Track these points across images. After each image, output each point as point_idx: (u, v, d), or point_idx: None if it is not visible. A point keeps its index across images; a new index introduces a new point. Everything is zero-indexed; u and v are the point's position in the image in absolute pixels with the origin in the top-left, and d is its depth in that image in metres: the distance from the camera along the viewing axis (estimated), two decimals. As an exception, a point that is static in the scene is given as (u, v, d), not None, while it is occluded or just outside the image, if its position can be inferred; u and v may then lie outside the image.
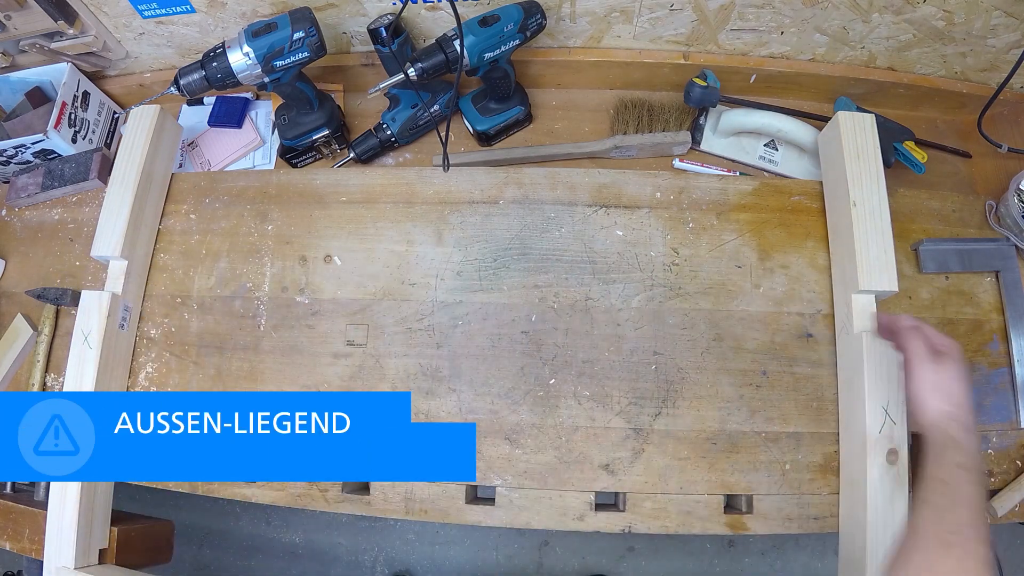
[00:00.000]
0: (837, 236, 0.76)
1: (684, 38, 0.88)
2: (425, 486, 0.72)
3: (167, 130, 0.86)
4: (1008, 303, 0.77)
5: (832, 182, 0.78)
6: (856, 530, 0.64)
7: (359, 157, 0.92)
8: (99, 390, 0.72)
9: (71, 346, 0.73)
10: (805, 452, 0.72)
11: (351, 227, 0.82)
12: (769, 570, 1.43)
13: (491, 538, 1.46)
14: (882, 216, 0.72)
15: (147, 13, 0.86)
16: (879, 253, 0.71)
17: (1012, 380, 0.75)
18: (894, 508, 0.63)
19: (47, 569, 0.68)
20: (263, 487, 0.74)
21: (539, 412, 0.74)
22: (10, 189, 0.92)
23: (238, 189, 0.86)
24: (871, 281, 0.70)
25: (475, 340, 0.77)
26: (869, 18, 0.81)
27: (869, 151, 0.75)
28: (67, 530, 0.68)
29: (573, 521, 0.71)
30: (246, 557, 1.49)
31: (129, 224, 0.78)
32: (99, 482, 0.71)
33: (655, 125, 0.91)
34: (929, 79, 0.91)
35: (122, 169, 0.81)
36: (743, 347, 0.75)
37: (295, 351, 0.78)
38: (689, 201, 0.81)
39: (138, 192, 0.80)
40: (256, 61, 0.77)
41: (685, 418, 0.73)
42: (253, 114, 1.00)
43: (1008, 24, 0.80)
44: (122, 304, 0.77)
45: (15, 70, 0.93)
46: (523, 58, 0.91)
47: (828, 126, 0.79)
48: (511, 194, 0.82)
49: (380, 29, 0.81)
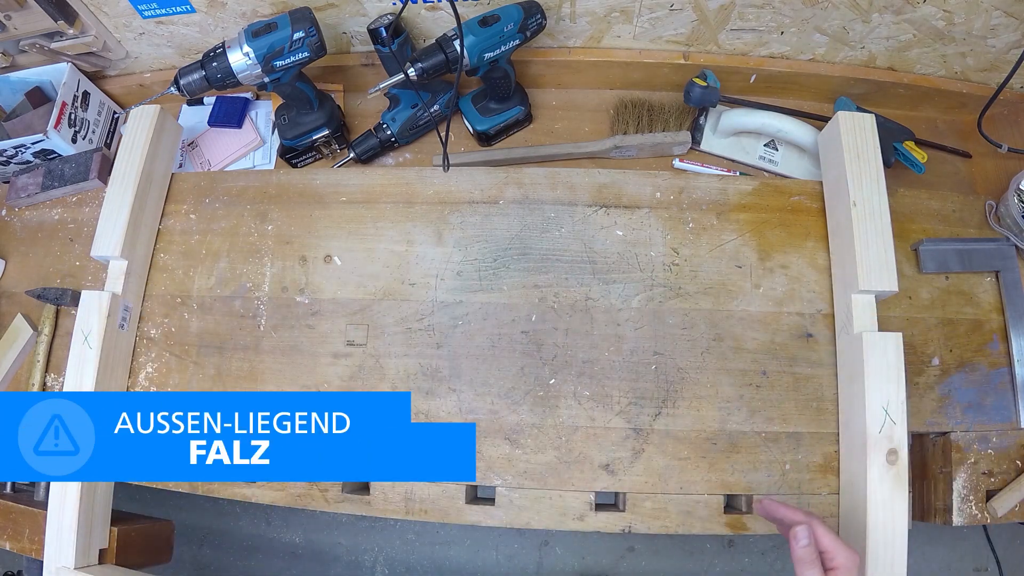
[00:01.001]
0: (837, 236, 0.76)
1: (684, 38, 0.88)
2: (425, 486, 0.72)
3: (167, 130, 0.86)
4: (1008, 303, 0.77)
5: (832, 182, 0.78)
6: (856, 530, 0.65)
7: (359, 157, 0.92)
8: (99, 390, 0.72)
9: (71, 346, 0.73)
10: (805, 452, 0.72)
11: (351, 227, 0.82)
12: (769, 570, 1.42)
13: (491, 538, 1.46)
14: (882, 216, 0.72)
15: (147, 13, 0.86)
16: (879, 253, 0.71)
17: (1012, 380, 0.75)
18: (894, 508, 0.63)
19: (47, 569, 0.68)
20: (263, 487, 0.74)
21: (539, 412, 0.74)
22: (10, 189, 0.92)
23: (238, 189, 0.86)
24: (871, 281, 0.70)
25: (475, 340, 0.77)
26: (869, 18, 0.81)
27: (869, 151, 0.75)
28: (67, 530, 0.68)
29: (573, 521, 0.71)
30: (246, 557, 1.49)
31: (129, 224, 0.78)
32: (99, 482, 0.71)
33: (655, 125, 0.91)
34: (929, 79, 0.91)
35: (122, 169, 0.81)
36: (743, 347, 0.75)
37: (295, 351, 0.78)
38: (689, 201, 0.81)
39: (138, 192, 0.79)
40: (256, 61, 0.77)
41: (685, 418, 0.73)
42: (253, 114, 1.00)
43: (1008, 24, 0.80)
44: (122, 304, 0.77)
45: (15, 70, 0.93)
46: (523, 58, 0.91)
47: (828, 126, 0.79)
48: (511, 194, 0.82)
49: (380, 29, 0.81)
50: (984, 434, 0.72)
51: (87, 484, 0.69)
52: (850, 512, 0.67)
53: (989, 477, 0.72)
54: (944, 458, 0.72)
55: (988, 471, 0.72)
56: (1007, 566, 1.00)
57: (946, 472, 0.71)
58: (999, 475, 0.72)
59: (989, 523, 0.71)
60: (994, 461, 0.72)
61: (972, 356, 0.76)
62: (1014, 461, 0.73)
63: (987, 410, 0.74)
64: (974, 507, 0.70)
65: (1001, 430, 0.73)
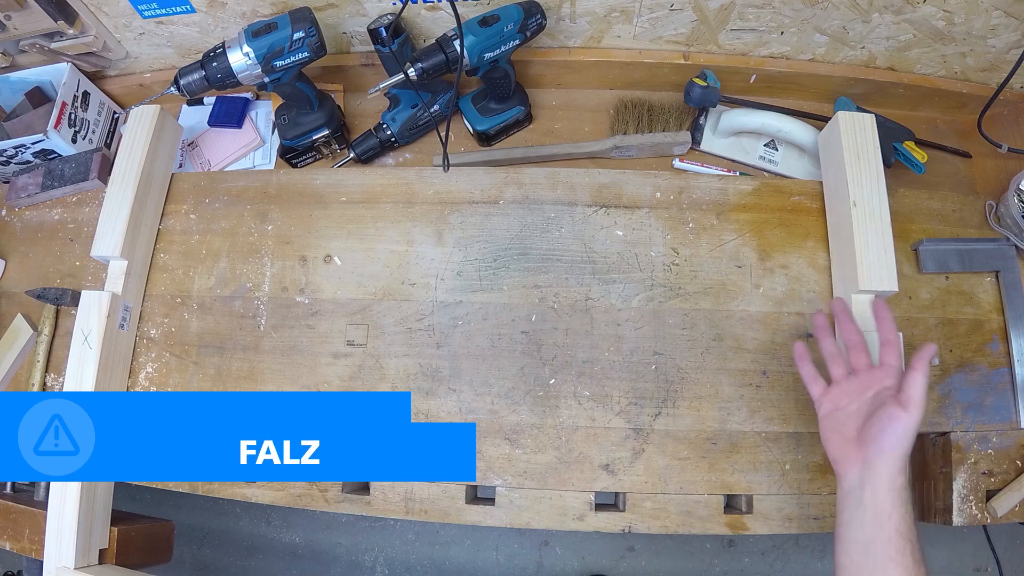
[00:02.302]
0: (837, 236, 0.76)
1: (684, 38, 0.88)
2: (425, 486, 0.72)
3: (167, 130, 0.86)
4: (1008, 303, 0.77)
5: (832, 182, 0.78)
6: None
7: (359, 157, 0.92)
8: (99, 390, 0.73)
9: (71, 346, 0.73)
10: (805, 452, 0.72)
11: (351, 227, 0.82)
12: (769, 570, 1.43)
13: (491, 538, 1.46)
14: (882, 216, 0.72)
15: (147, 13, 0.86)
16: (879, 253, 0.71)
17: (1012, 380, 0.75)
18: None
19: (47, 569, 0.68)
20: (263, 487, 0.74)
21: (539, 412, 0.74)
22: (10, 189, 0.92)
23: (238, 189, 0.86)
24: (871, 281, 0.70)
25: (475, 340, 0.77)
26: (869, 18, 0.81)
27: (869, 151, 0.75)
28: (67, 530, 0.68)
29: (573, 521, 0.71)
30: (246, 557, 1.49)
31: (129, 224, 0.78)
32: (99, 482, 0.71)
33: (655, 125, 0.91)
34: (929, 79, 0.91)
35: (122, 169, 0.81)
36: (743, 347, 0.75)
37: (295, 351, 0.78)
38: (689, 201, 0.81)
39: (138, 192, 0.79)
40: (256, 61, 0.77)
41: (685, 418, 0.73)
42: (253, 114, 1.00)
43: (1008, 24, 0.80)
44: (122, 304, 0.77)
45: (15, 70, 0.93)
46: (523, 58, 0.91)
47: (828, 126, 0.79)
48: (511, 194, 0.82)
49: (380, 29, 0.81)
50: (984, 434, 0.72)
51: (87, 484, 0.69)
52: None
53: (989, 477, 0.71)
54: (944, 458, 0.71)
55: (988, 471, 0.71)
56: (1007, 566, 1.00)
57: (946, 472, 0.71)
58: (999, 475, 0.72)
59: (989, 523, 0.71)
60: (994, 461, 0.72)
61: (972, 356, 0.76)
62: (1014, 461, 0.72)
63: (987, 410, 0.74)
64: (974, 507, 0.70)
65: (1001, 430, 0.73)
